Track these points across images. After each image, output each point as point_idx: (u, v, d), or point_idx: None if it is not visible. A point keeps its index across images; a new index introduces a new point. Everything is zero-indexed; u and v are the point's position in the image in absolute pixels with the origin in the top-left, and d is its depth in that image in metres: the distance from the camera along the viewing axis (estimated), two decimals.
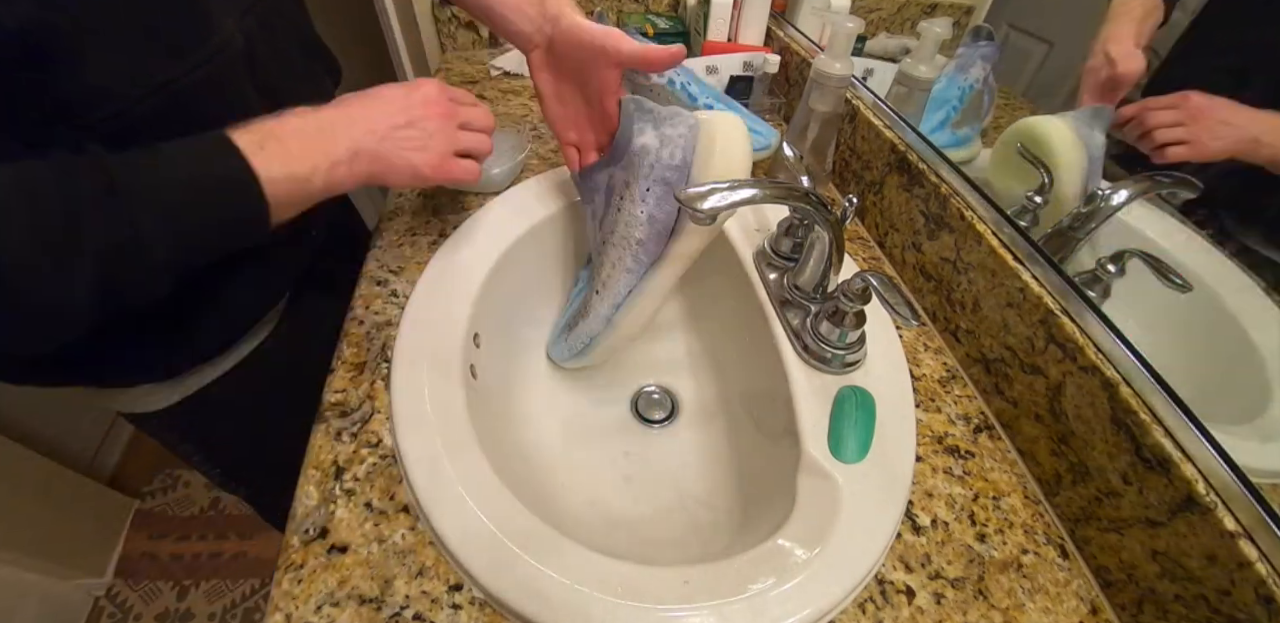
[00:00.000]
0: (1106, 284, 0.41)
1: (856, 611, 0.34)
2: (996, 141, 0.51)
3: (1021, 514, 0.40)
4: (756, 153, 0.64)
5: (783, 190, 0.39)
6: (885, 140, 0.59)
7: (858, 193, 0.65)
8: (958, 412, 0.46)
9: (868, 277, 0.39)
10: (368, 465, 0.39)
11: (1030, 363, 0.42)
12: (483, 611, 0.33)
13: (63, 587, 1.09)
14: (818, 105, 0.57)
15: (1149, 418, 0.34)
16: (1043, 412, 0.41)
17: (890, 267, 0.59)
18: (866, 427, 0.41)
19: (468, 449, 0.38)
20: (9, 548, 0.98)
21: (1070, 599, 0.36)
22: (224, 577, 1.20)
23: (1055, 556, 0.38)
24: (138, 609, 1.15)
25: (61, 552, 1.08)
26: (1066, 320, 0.39)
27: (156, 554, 1.23)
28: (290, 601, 0.32)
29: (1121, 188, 0.42)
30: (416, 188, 0.47)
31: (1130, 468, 0.35)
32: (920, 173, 0.53)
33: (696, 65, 0.74)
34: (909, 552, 0.37)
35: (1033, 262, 0.43)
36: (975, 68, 0.56)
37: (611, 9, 0.99)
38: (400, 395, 0.41)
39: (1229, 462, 0.31)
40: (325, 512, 0.36)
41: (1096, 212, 0.43)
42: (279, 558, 0.34)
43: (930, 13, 0.67)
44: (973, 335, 0.48)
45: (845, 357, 0.44)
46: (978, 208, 0.49)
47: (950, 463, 0.42)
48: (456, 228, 0.55)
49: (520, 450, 0.48)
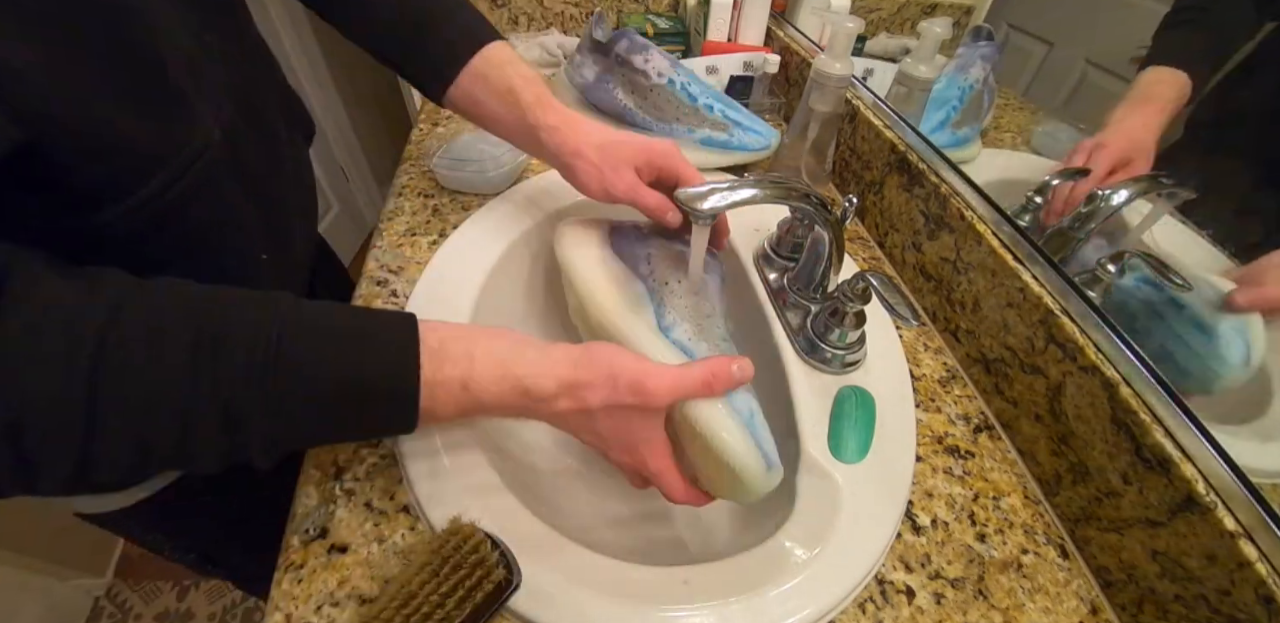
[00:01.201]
0: (1106, 284, 0.41)
1: (856, 611, 0.34)
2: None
3: (1021, 514, 0.40)
4: (756, 153, 0.64)
5: (783, 190, 0.39)
6: (885, 140, 0.59)
7: (858, 193, 0.65)
8: (958, 412, 0.46)
9: (868, 277, 0.39)
10: (368, 466, 0.39)
11: (1030, 363, 0.42)
12: None
13: (63, 587, 1.09)
14: (818, 105, 0.57)
15: (1149, 418, 0.34)
16: (1043, 412, 0.41)
17: (890, 267, 0.59)
18: (866, 427, 0.41)
19: (468, 449, 0.38)
20: (9, 548, 0.98)
21: (1070, 599, 0.36)
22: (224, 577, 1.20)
23: (1055, 556, 0.38)
24: (138, 609, 1.15)
25: (61, 552, 1.08)
26: (1066, 320, 0.39)
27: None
28: (290, 601, 0.32)
29: (1121, 188, 0.42)
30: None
31: (1130, 468, 0.35)
32: (920, 173, 0.53)
33: (696, 65, 0.74)
34: (909, 552, 0.37)
35: (1032, 262, 0.43)
36: (975, 68, 0.56)
37: (612, 9, 0.99)
38: None
39: (1229, 462, 0.31)
40: (325, 512, 0.36)
41: (1096, 212, 0.43)
42: (279, 558, 0.34)
43: (930, 13, 0.67)
44: (973, 335, 0.48)
45: (845, 357, 0.44)
46: (978, 208, 0.49)
47: (950, 463, 0.42)
48: (456, 228, 0.55)
49: (520, 451, 0.48)
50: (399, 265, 0.53)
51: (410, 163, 0.67)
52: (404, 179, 0.64)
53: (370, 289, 0.51)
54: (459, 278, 0.50)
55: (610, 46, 0.62)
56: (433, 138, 0.71)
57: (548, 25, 0.99)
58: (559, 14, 0.98)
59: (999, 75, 0.55)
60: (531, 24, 0.98)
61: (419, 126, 0.74)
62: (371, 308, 0.32)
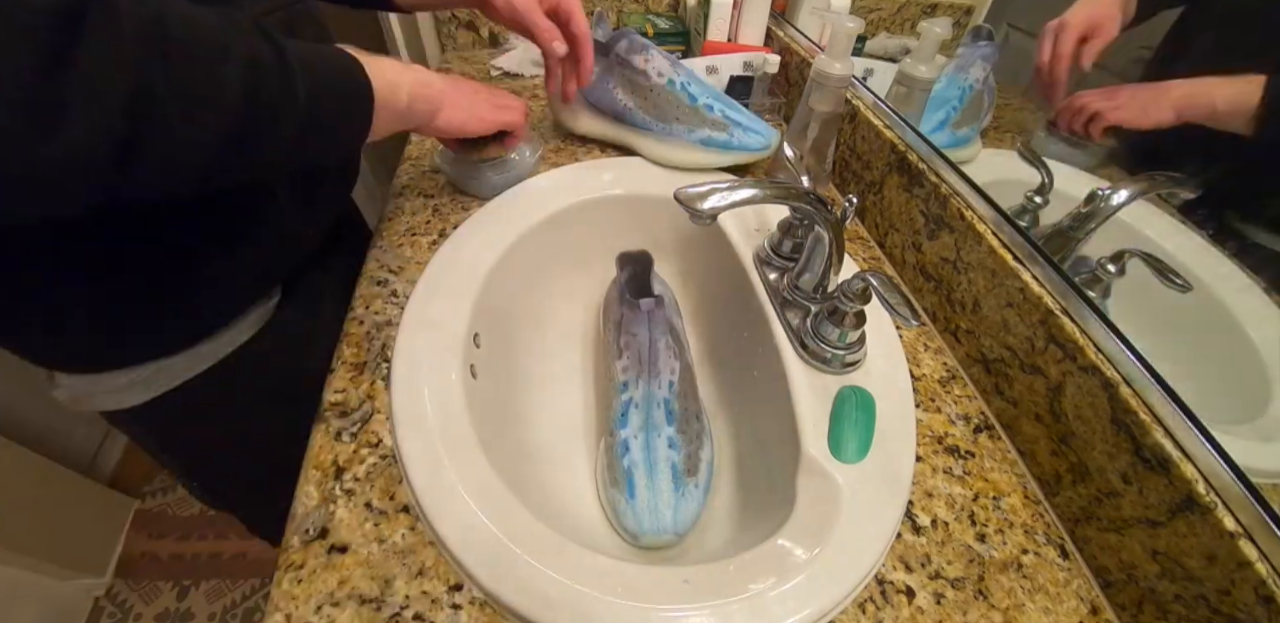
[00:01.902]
0: (1106, 284, 0.41)
1: (856, 611, 0.34)
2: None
3: (1021, 514, 0.40)
4: (756, 153, 0.64)
5: (783, 190, 0.39)
6: (885, 140, 0.59)
7: (858, 193, 0.65)
8: (958, 412, 0.46)
9: (868, 277, 0.39)
10: (368, 466, 0.39)
11: (1030, 363, 0.42)
12: (483, 611, 0.33)
13: (63, 587, 1.09)
14: (818, 105, 0.57)
15: (1149, 418, 0.34)
16: (1043, 412, 0.41)
17: (890, 267, 0.59)
18: (866, 427, 0.41)
19: (468, 449, 0.38)
20: (9, 548, 0.98)
21: (1070, 599, 0.36)
22: (224, 577, 1.20)
23: (1055, 556, 0.38)
24: (138, 609, 1.15)
25: (61, 552, 1.08)
26: (1066, 320, 0.39)
27: (156, 554, 1.23)
28: (290, 601, 0.32)
29: (1121, 188, 0.42)
30: (456, 134, 0.51)
31: (1130, 468, 0.35)
32: (920, 173, 0.53)
33: (697, 65, 0.74)
34: (909, 552, 0.37)
35: (1032, 262, 0.43)
36: (975, 68, 0.56)
37: (612, 9, 0.99)
38: (400, 395, 0.41)
39: (1229, 462, 0.31)
40: (325, 512, 0.36)
41: (1096, 211, 0.43)
42: (279, 558, 0.34)
43: (930, 13, 0.67)
44: (973, 335, 0.48)
45: (845, 357, 0.44)
46: (978, 208, 0.49)
47: (950, 463, 0.42)
48: (456, 228, 0.55)
49: (520, 450, 0.48)
50: (399, 265, 0.53)
51: (410, 163, 0.67)
52: (404, 179, 0.64)
53: (370, 289, 0.51)
54: (459, 278, 0.50)
55: (610, 46, 0.62)
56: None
57: None
58: None
59: (999, 75, 0.55)
60: None
61: None
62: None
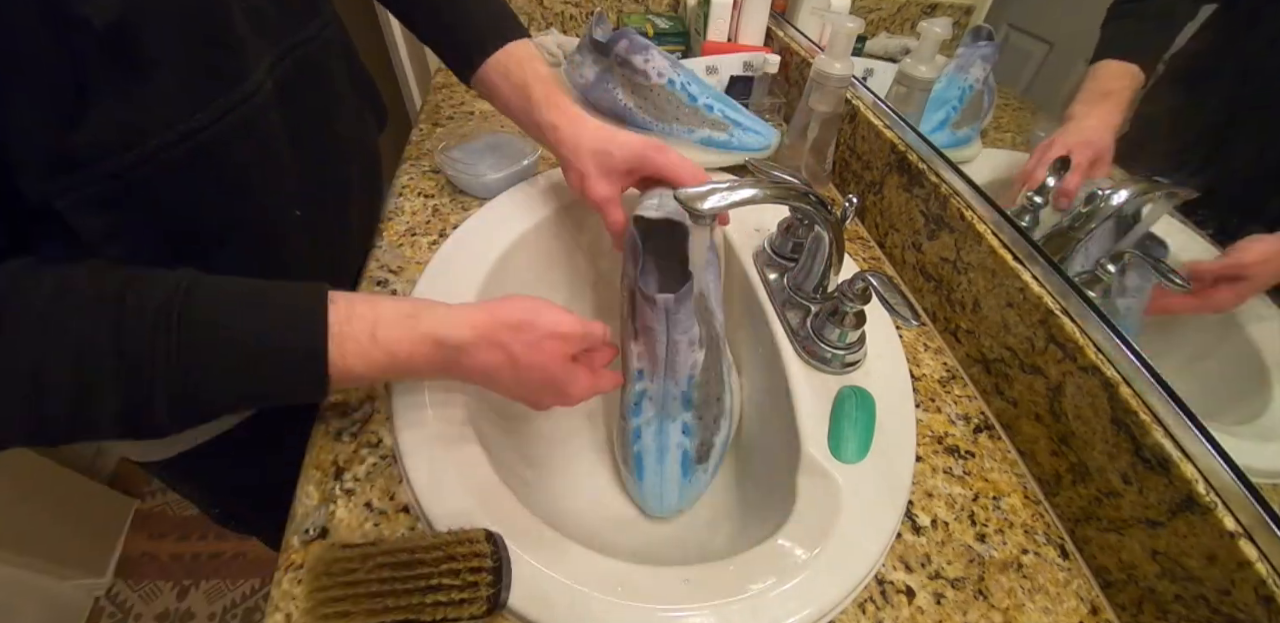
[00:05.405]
0: (1106, 284, 0.41)
1: (856, 611, 0.34)
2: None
3: (1021, 514, 0.40)
4: (756, 153, 0.64)
5: (783, 190, 0.39)
6: (885, 140, 0.59)
7: (858, 193, 0.65)
8: (958, 412, 0.46)
9: (868, 277, 0.39)
10: (368, 466, 0.39)
11: (1030, 363, 0.42)
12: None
13: (63, 587, 1.09)
14: (818, 105, 0.57)
15: (1149, 418, 0.34)
16: (1043, 412, 0.41)
17: (890, 267, 0.59)
18: (866, 427, 0.41)
19: (468, 449, 0.38)
20: (9, 548, 0.98)
21: (1070, 599, 0.36)
22: (224, 577, 1.20)
23: (1055, 556, 0.38)
24: (138, 609, 1.15)
25: (61, 552, 1.08)
26: (1066, 320, 0.39)
27: (156, 554, 1.23)
28: (290, 601, 0.32)
29: (1121, 188, 0.42)
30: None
31: (1130, 468, 0.35)
32: (920, 173, 0.53)
33: (696, 65, 0.74)
34: (909, 552, 0.37)
35: (1032, 262, 0.43)
36: (975, 68, 0.56)
37: (612, 9, 0.99)
38: (400, 396, 0.41)
39: (1229, 462, 0.31)
40: (325, 512, 0.36)
41: (1096, 211, 0.43)
42: (279, 558, 0.34)
43: (930, 13, 0.67)
44: (973, 335, 0.48)
45: (845, 357, 0.44)
46: (978, 208, 0.49)
47: (950, 463, 0.42)
48: (456, 228, 0.55)
49: (520, 451, 0.48)
50: (399, 265, 0.53)
51: (410, 163, 0.67)
52: (404, 179, 0.64)
53: (370, 289, 0.51)
54: (459, 278, 0.50)
55: (610, 46, 0.62)
56: (434, 137, 0.71)
57: (548, 25, 0.99)
58: (559, 14, 0.98)
59: (999, 75, 0.55)
60: (531, 24, 0.98)
61: (419, 127, 0.74)
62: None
